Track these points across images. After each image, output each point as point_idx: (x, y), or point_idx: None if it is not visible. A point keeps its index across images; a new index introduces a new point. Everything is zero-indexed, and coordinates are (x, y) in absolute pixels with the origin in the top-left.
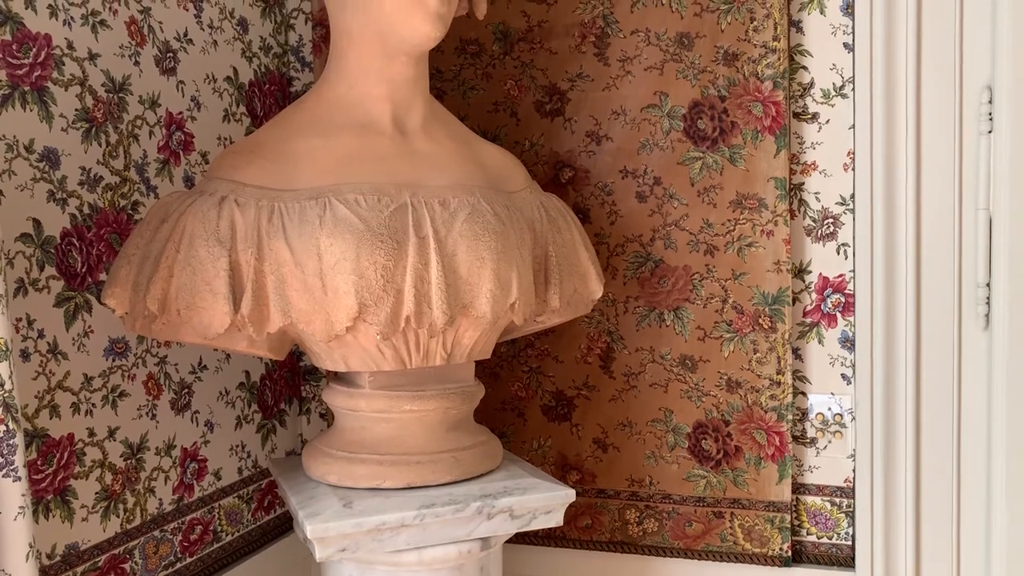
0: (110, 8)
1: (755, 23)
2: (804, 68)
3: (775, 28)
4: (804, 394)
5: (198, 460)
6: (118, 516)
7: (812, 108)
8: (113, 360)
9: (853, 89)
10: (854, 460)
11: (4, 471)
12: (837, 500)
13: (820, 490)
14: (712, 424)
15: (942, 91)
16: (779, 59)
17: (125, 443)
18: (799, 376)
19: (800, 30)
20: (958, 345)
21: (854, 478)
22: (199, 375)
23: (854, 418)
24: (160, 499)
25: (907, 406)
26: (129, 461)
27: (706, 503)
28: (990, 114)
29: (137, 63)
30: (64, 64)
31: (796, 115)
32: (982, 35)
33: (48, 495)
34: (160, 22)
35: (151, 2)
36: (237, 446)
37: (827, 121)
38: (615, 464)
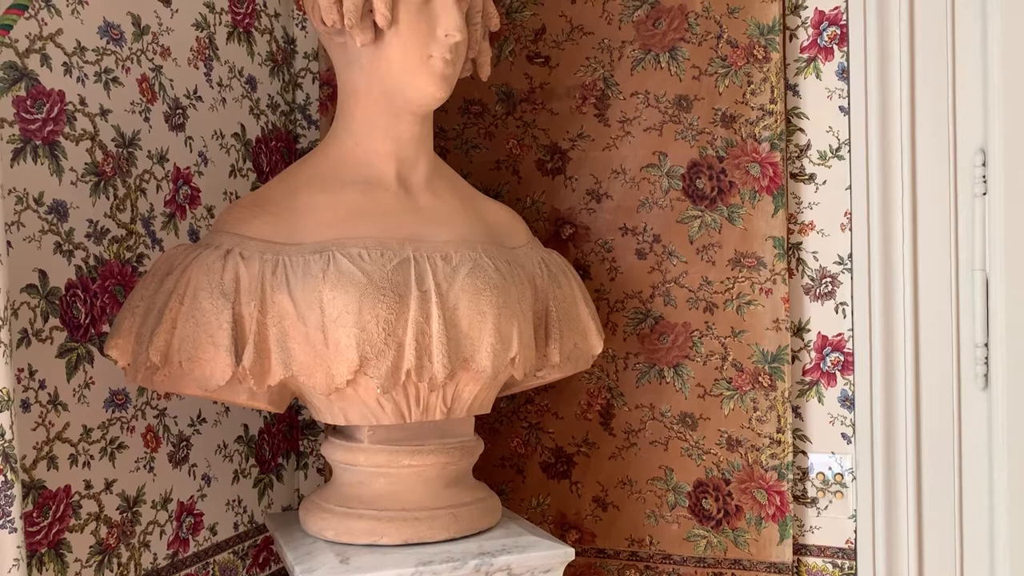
0: (123, 66)
1: (752, 86)
2: (801, 130)
3: (772, 91)
4: (804, 453)
5: (194, 514)
6: (112, 571)
7: (809, 169)
8: (113, 412)
9: (849, 151)
10: (855, 521)
11: (0, 522)
12: (839, 562)
13: (822, 551)
14: (712, 483)
15: (936, 154)
16: (776, 121)
17: (122, 496)
18: (799, 435)
19: (797, 93)
20: (957, 405)
21: (856, 539)
22: (198, 428)
23: (855, 478)
24: (155, 553)
25: (908, 466)
26: (125, 514)
27: (707, 564)
28: (984, 176)
29: (147, 119)
30: (76, 119)
31: (793, 176)
32: (974, 100)
33: (42, 548)
34: (171, 80)
35: (163, 60)
36: (234, 500)
37: (824, 182)
38: (615, 523)
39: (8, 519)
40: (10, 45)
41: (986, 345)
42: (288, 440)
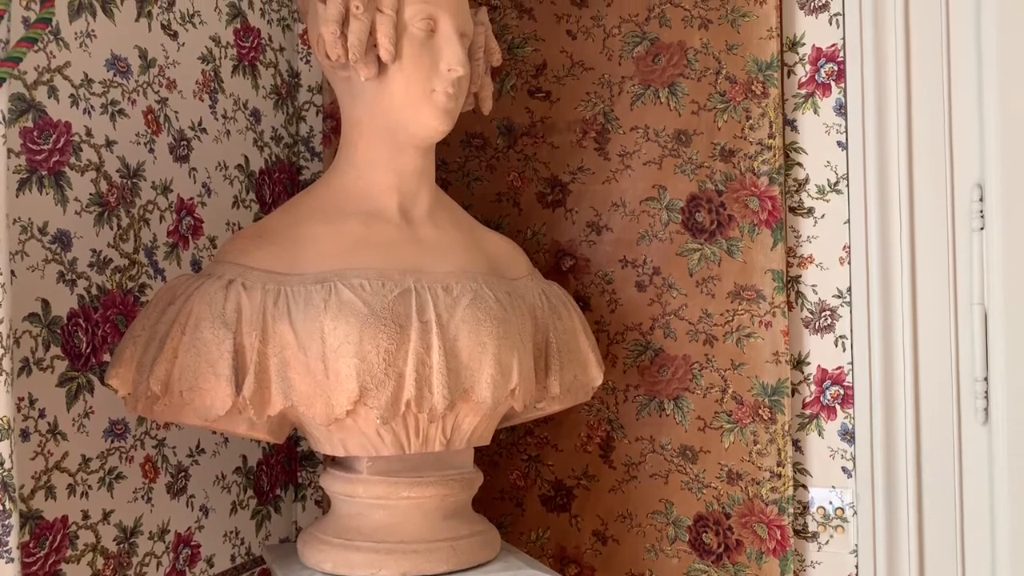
0: (129, 98)
1: (751, 121)
2: (799, 165)
3: (770, 126)
4: (805, 487)
5: (191, 546)
6: None
7: (807, 203)
8: (112, 441)
9: (847, 185)
10: (856, 556)
11: None
12: None
13: None
14: (713, 517)
15: (934, 189)
16: (775, 156)
17: (119, 527)
18: (799, 468)
19: (795, 128)
20: (958, 439)
21: (857, 574)
22: (196, 459)
23: (855, 512)
24: None
25: (909, 500)
26: (122, 545)
27: None
28: (981, 211)
29: (152, 150)
30: (82, 150)
31: (792, 209)
32: (971, 136)
33: None
34: (176, 112)
35: (168, 93)
36: (231, 532)
37: (822, 216)
38: (615, 557)
39: (5, 549)
40: (19, 77)
41: (986, 379)
42: (286, 471)
